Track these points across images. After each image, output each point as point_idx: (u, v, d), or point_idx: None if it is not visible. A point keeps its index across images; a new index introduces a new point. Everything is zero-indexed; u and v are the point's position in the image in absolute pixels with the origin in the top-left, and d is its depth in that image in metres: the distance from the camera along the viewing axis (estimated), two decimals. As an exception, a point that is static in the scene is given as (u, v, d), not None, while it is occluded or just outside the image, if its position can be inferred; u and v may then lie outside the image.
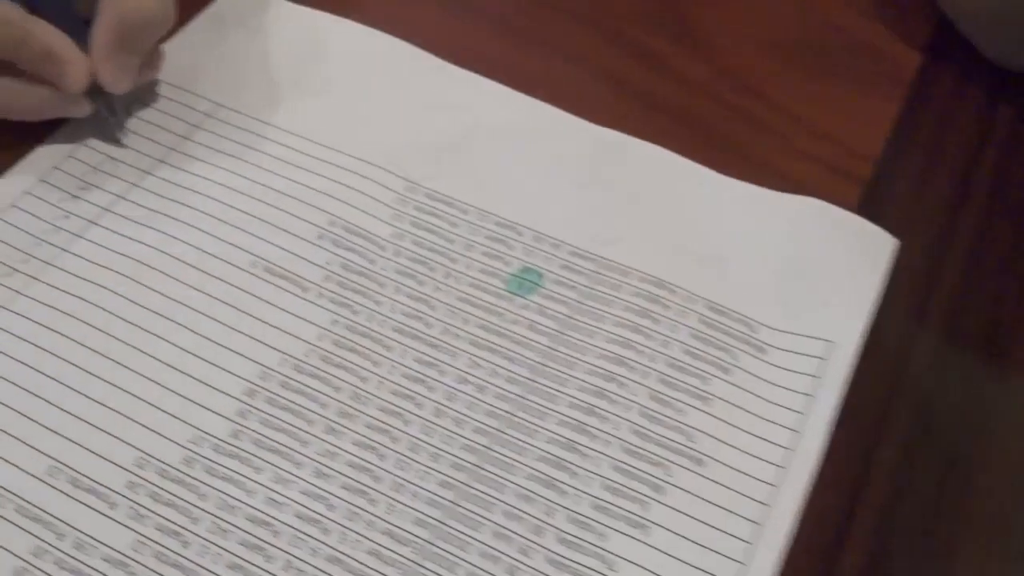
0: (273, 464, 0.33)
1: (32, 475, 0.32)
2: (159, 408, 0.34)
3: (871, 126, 0.46)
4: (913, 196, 0.44)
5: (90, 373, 0.35)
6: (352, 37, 0.48)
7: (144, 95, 0.45)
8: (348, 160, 0.43)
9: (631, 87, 0.47)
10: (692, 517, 0.32)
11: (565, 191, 0.40)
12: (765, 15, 0.50)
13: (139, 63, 0.38)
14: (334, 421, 0.35)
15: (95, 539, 0.31)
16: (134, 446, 0.33)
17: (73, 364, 0.37)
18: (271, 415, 0.34)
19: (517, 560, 0.31)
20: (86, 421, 0.34)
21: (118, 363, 0.37)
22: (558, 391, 0.35)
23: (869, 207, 0.39)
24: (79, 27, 0.40)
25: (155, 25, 0.37)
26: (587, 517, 0.32)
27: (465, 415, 0.35)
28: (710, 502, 0.33)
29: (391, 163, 0.44)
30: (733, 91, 0.47)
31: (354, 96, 0.45)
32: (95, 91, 0.39)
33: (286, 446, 0.33)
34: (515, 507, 0.32)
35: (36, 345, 0.38)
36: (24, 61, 0.36)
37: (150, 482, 0.33)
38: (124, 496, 0.32)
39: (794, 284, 0.37)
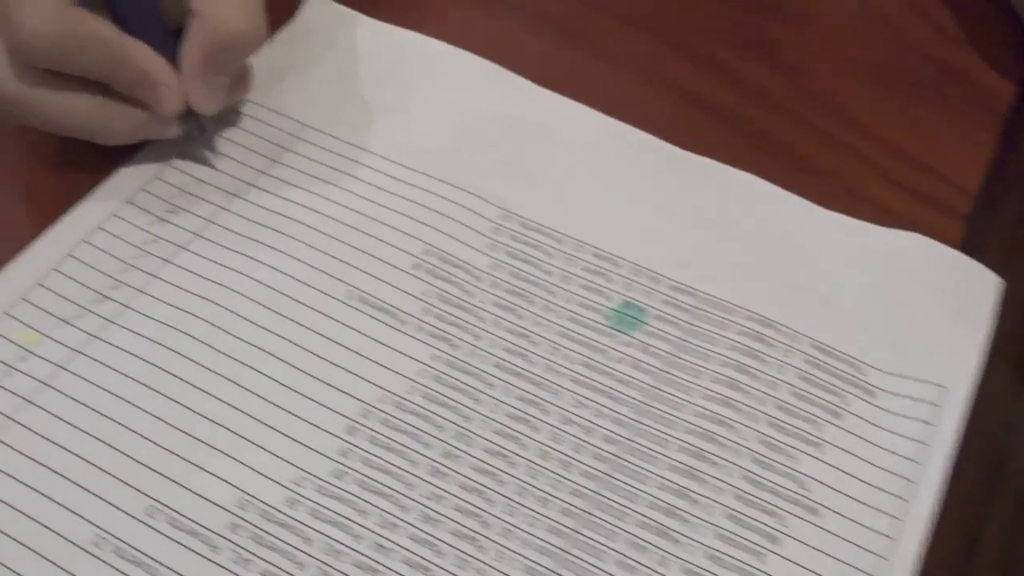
0: (378, 507, 0.33)
1: (131, 516, 0.32)
2: (259, 446, 0.33)
3: (968, 158, 0.45)
4: (1015, 233, 0.43)
5: (187, 407, 0.34)
6: (436, 56, 0.47)
7: (230, 114, 0.44)
8: (440, 186, 0.42)
9: (717, 110, 0.46)
10: (808, 570, 0.32)
11: (660, 221, 0.39)
12: (853, 38, 0.49)
13: (228, 83, 0.37)
14: (439, 462, 0.34)
15: (197, 584, 0.29)
16: (235, 486, 0.32)
17: (169, 398, 0.36)
18: (374, 455, 0.34)
19: (633, 610, 0.29)
20: (185, 458, 0.33)
21: (215, 397, 0.35)
22: (666, 434, 0.34)
23: (971, 244, 0.38)
24: (170, 43, 0.39)
25: (245, 44, 0.36)
26: (702, 568, 0.32)
27: (572, 458, 0.34)
28: (826, 554, 0.32)
29: (483, 190, 0.43)
30: (822, 116, 0.46)
31: (442, 118, 0.44)
32: (185, 112, 0.38)
33: (391, 488, 0.33)
34: (628, 556, 0.32)
35: (130, 377, 0.37)
36: (119, 83, 0.35)
37: (253, 524, 0.32)
38: (226, 539, 0.31)
39: (899, 324, 0.36)
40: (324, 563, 0.31)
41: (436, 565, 0.31)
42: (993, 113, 0.46)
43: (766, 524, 0.32)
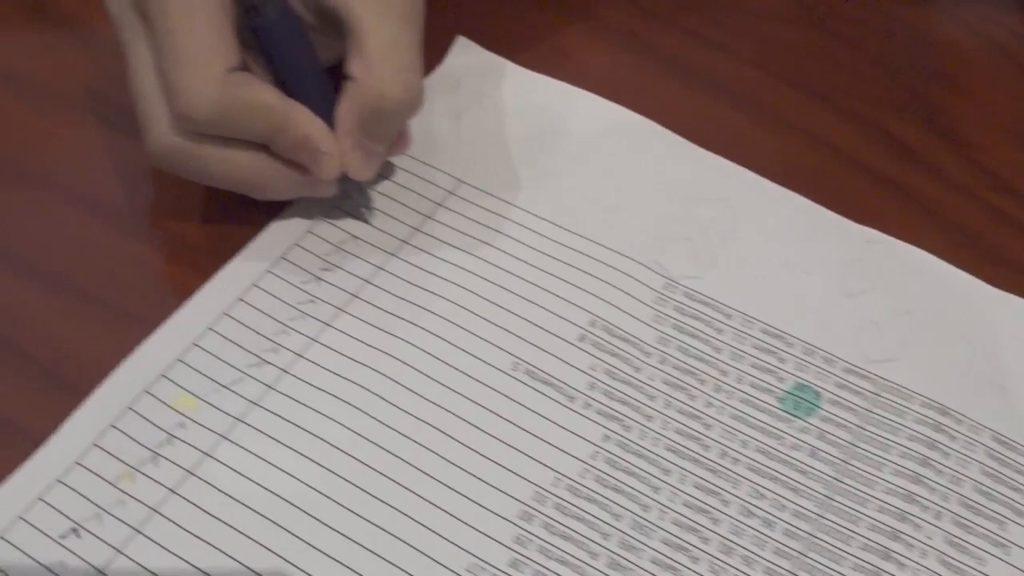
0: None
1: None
2: (430, 529, 0.32)
3: None
4: None
5: (349, 482, 0.33)
6: (591, 110, 0.46)
7: (384, 168, 0.42)
8: (602, 251, 0.41)
9: (882, 180, 0.45)
10: None
11: (832, 298, 0.38)
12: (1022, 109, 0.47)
13: (385, 149, 0.36)
14: (618, 554, 0.33)
15: None
16: (406, 571, 0.31)
17: (330, 471, 0.34)
18: (551, 544, 0.33)
19: None
20: (348, 537, 0.32)
21: (381, 473, 0.34)
22: (850, 531, 0.34)
23: None
24: (330, 103, 0.38)
25: (404, 113, 0.36)
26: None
27: (754, 554, 0.33)
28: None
29: (646, 256, 0.42)
30: (993, 191, 0.45)
31: (600, 178, 0.43)
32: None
33: (571, 581, 0.31)
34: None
35: (290, 448, 0.36)
36: (279, 148, 0.35)
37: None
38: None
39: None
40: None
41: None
42: None
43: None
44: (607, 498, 0.33)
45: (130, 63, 0.34)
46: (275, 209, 0.42)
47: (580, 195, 0.43)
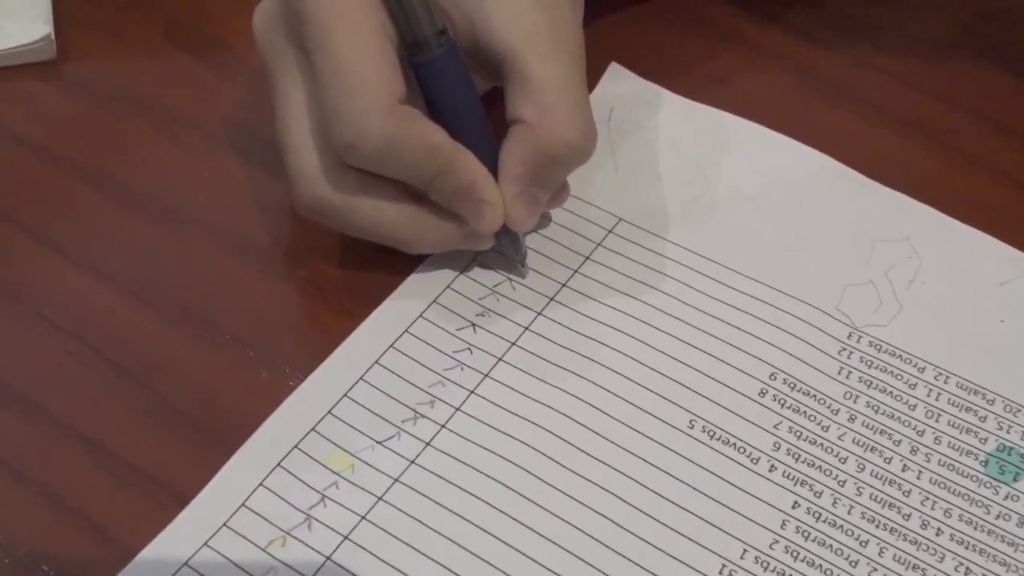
0: None
1: None
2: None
3: None
4: None
5: (515, 549, 0.32)
6: (758, 142, 0.43)
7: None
8: (778, 297, 0.39)
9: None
10: None
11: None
12: None
13: (548, 198, 0.35)
14: (819, 637, 0.31)
15: None
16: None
17: (493, 536, 0.33)
18: (742, 624, 0.31)
19: None
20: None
21: (547, 539, 0.33)
22: None
23: None
24: (494, 150, 0.37)
25: (578, 159, 0.34)
26: None
27: None
28: None
29: (827, 303, 0.39)
30: None
31: (771, 216, 0.41)
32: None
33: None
34: None
35: (451, 511, 0.34)
36: (439, 193, 0.33)
37: None
38: None
39: None
40: None
41: None
42: None
43: None
44: (800, 572, 0.32)
45: (280, 101, 0.33)
46: (417, 259, 0.40)
47: (750, 234, 0.41)
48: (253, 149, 0.41)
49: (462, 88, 0.33)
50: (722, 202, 0.42)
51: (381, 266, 0.39)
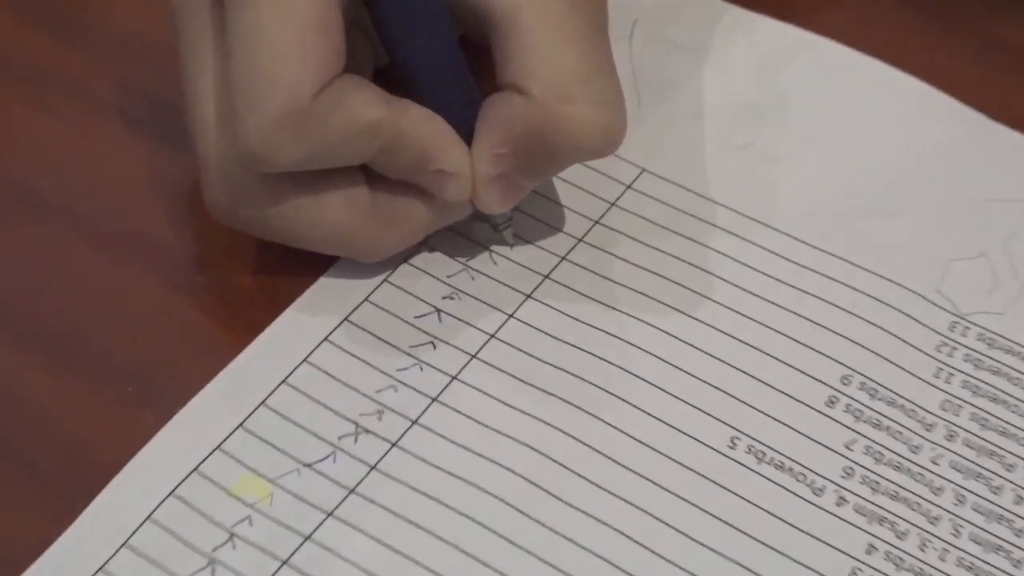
0: None
1: None
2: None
3: None
4: None
5: None
6: (846, 72, 0.46)
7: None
8: (857, 275, 0.40)
9: None
10: None
11: None
12: None
13: (535, 185, 0.38)
14: None
15: None
16: None
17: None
18: None
19: None
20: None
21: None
22: None
23: None
24: (467, 100, 0.37)
25: (587, 156, 0.38)
26: None
27: None
28: None
29: (923, 283, 0.40)
30: None
31: (852, 168, 0.43)
32: None
33: None
34: None
35: (406, 556, 0.36)
36: (383, 169, 0.36)
37: None
38: None
39: None
40: None
41: None
42: None
43: None
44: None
45: (189, 68, 0.35)
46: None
47: (821, 192, 0.43)
48: (146, 115, 0.40)
49: (429, 25, 0.35)
50: (784, 148, 0.43)
51: (308, 266, 0.41)
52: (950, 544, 0.35)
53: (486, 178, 0.39)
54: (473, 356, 0.40)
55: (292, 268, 0.40)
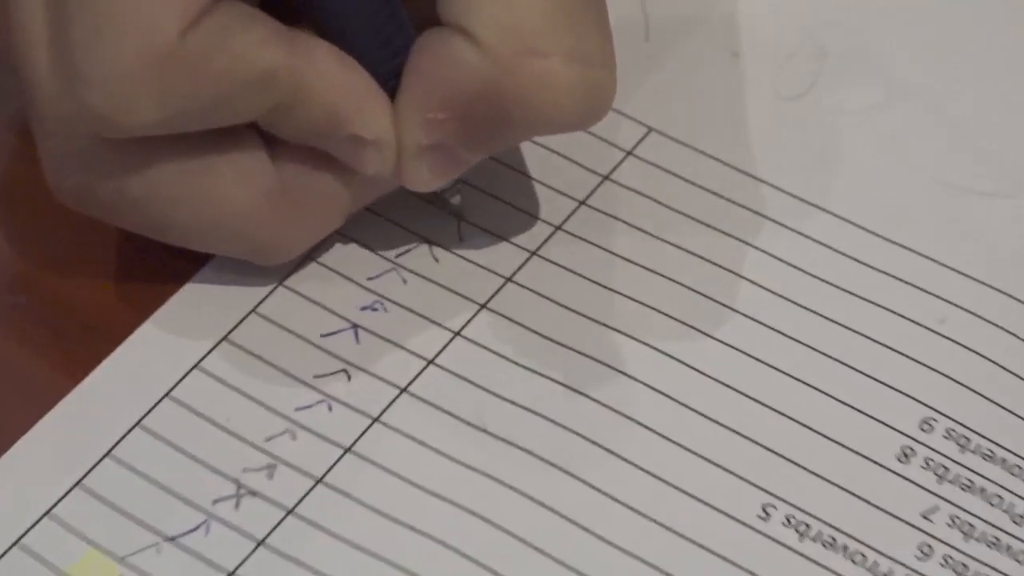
0: None
1: None
2: None
3: None
4: None
5: None
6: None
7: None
8: (946, 278, 0.41)
9: None
10: None
11: None
12: None
13: (482, 157, 0.38)
14: None
15: None
16: None
17: None
18: None
19: None
20: None
21: None
22: None
23: None
24: (397, 43, 0.38)
25: (560, 128, 0.38)
26: None
27: None
28: None
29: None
30: None
31: (950, 129, 0.44)
32: None
33: None
34: None
35: None
36: (281, 131, 0.37)
37: None
38: None
39: None
40: None
41: None
42: None
43: None
44: None
45: (16, 10, 0.35)
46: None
47: (899, 162, 0.43)
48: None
49: None
50: (854, 100, 0.44)
51: (175, 271, 0.41)
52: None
53: (416, 149, 0.39)
54: (403, 390, 0.40)
55: (153, 274, 0.41)
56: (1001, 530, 0.39)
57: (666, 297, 0.40)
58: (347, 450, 0.38)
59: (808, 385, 0.40)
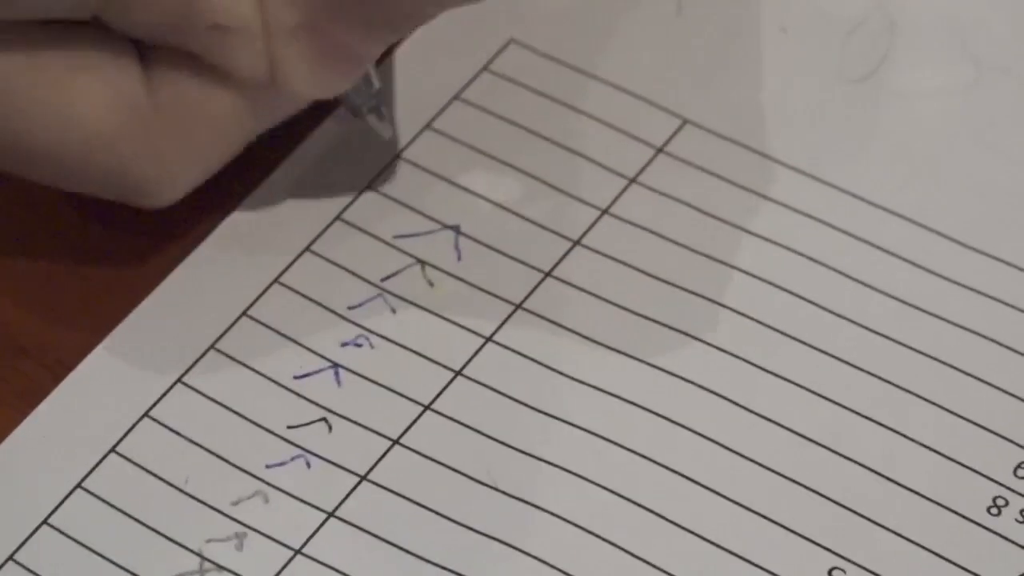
0: None
1: None
2: None
3: None
4: None
5: None
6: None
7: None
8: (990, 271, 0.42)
9: None
10: None
11: None
12: None
13: (376, 47, 0.40)
14: None
15: None
16: None
17: None
18: None
19: None
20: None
21: None
22: None
23: None
24: None
25: None
26: None
27: None
28: None
29: None
30: None
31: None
32: None
33: None
34: None
35: None
36: (119, 22, 0.38)
37: None
38: None
39: None
40: None
41: None
42: None
43: None
44: None
45: None
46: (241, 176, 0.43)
47: (990, 165, 0.45)
48: None
49: None
50: (926, 79, 0.46)
51: (115, 295, 0.43)
52: None
53: (286, 33, 0.39)
54: (395, 442, 0.42)
55: (100, 295, 0.43)
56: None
57: (706, 323, 0.42)
58: (330, 514, 0.40)
59: (884, 427, 0.42)
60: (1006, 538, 0.40)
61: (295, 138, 0.46)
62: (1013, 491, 0.40)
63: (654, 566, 0.40)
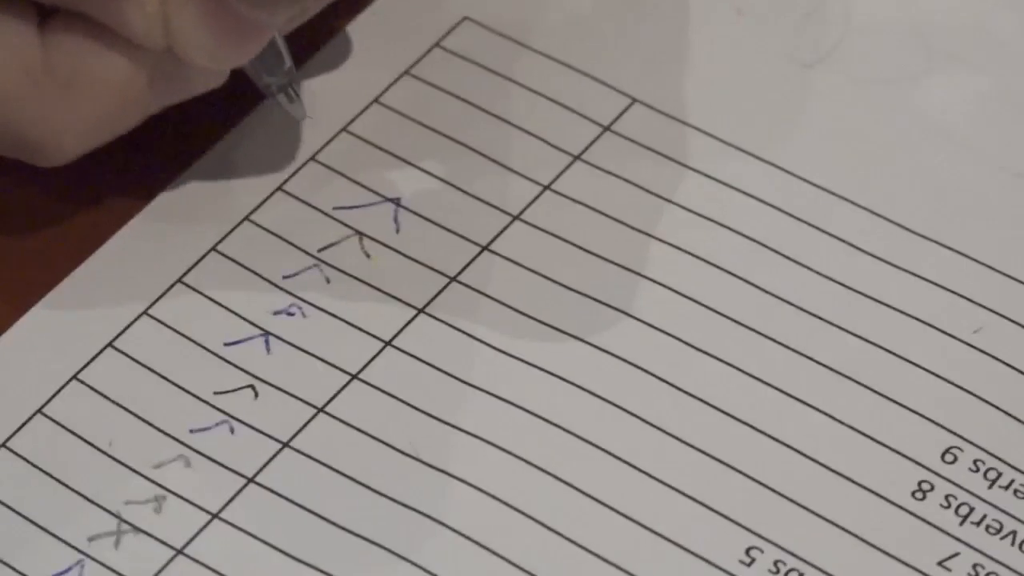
0: None
1: None
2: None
3: None
4: None
5: None
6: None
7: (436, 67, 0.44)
8: (983, 278, 0.43)
9: None
10: None
11: None
12: None
13: (279, 13, 0.39)
14: None
15: None
16: None
17: None
18: None
19: None
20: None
21: None
22: None
23: None
24: None
25: None
26: None
27: None
28: None
29: None
30: None
31: (1004, 100, 0.45)
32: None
33: None
34: None
35: None
36: (82, 2, 0.37)
37: None
38: None
39: None
40: None
41: None
42: None
43: None
44: None
45: None
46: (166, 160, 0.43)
47: (940, 152, 0.45)
48: None
49: None
50: (879, 67, 0.46)
51: (43, 262, 0.43)
52: None
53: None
54: (319, 410, 0.42)
55: (31, 260, 0.43)
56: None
57: (639, 300, 0.43)
58: (250, 480, 0.40)
59: (809, 405, 0.42)
60: (929, 523, 0.40)
61: (242, 109, 0.46)
62: (940, 475, 0.40)
63: (572, 541, 0.40)
